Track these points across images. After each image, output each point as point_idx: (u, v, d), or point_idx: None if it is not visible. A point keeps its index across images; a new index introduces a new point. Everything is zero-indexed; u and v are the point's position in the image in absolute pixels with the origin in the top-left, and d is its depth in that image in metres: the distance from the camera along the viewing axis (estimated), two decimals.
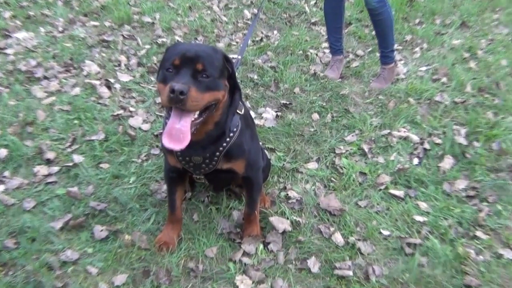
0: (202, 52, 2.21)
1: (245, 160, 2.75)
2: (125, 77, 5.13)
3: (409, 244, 3.31)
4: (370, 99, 5.17)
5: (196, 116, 2.26)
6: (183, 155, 2.63)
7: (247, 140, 2.73)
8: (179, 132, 2.18)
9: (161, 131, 4.29)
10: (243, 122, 2.69)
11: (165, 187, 3.64)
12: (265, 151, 3.79)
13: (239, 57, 3.31)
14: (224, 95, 2.36)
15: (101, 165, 3.91)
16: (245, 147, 2.70)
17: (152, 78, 5.29)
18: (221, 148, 2.57)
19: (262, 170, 3.14)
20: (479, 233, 3.43)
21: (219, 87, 2.29)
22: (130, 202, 3.53)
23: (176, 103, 2.10)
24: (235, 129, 2.59)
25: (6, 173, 3.73)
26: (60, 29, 6.00)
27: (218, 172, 2.74)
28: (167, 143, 2.19)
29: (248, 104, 4.89)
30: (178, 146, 2.18)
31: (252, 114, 4.59)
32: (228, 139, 2.57)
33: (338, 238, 3.32)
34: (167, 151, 2.79)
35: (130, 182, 3.75)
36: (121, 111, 4.56)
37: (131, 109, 4.61)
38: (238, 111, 2.62)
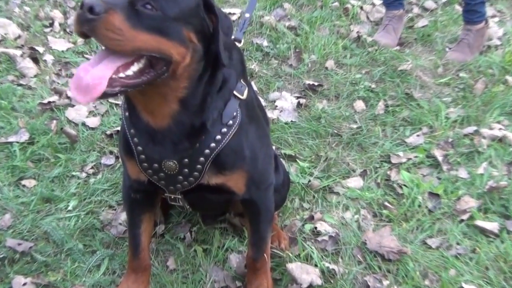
0: None
1: (246, 172, 2.78)
2: (60, 44, 5.13)
3: None
4: (445, 78, 5.17)
5: (132, 72, 2.24)
6: (147, 158, 2.63)
7: (250, 140, 2.75)
8: (91, 78, 2.13)
9: (117, 128, 4.38)
10: (245, 112, 2.70)
11: (123, 216, 3.65)
12: (281, 159, 3.78)
13: (247, 14, 3.30)
14: (185, 54, 2.31)
15: (23, 182, 3.94)
16: (246, 151, 2.72)
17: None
18: (207, 151, 2.59)
19: (275, 190, 3.15)
20: None
21: (172, 34, 2.25)
22: (69, 240, 3.54)
23: (82, 26, 2.06)
24: (230, 122, 2.60)
25: None
26: None
27: (205, 191, 2.78)
28: (73, 93, 2.16)
29: (254, 85, 4.86)
30: (83, 96, 2.12)
31: (261, 101, 4.53)
32: (218, 137, 2.59)
33: None
34: (126, 156, 2.81)
35: (69, 208, 3.78)
36: (54, 98, 4.54)
37: (70, 94, 4.61)
38: (237, 93, 2.64)
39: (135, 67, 2.22)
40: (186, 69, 2.34)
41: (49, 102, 4.51)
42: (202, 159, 2.59)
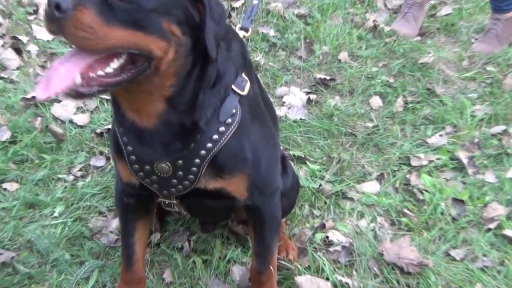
0: None
1: (247, 176, 2.78)
2: (45, 34, 5.08)
3: None
4: (471, 72, 5.18)
5: (111, 69, 2.25)
6: (138, 159, 2.65)
7: (253, 140, 2.76)
8: (56, 74, 2.15)
9: (108, 127, 4.38)
10: (247, 110, 2.70)
11: (115, 223, 3.68)
12: (289, 161, 3.75)
13: (255, 1, 3.33)
14: (167, 49, 2.31)
15: (4, 186, 3.96)
16: (247, 152, 2.73)
17: None
18: (203, 152, 2.60)
19: (283, 194, 3.15)
20: None
21: (150, 27, 2.24)
22: (55, 250, 3.55)
23: (50, 24, 2.07)
24: (228, 120, 2.61)
25: None
26: None
27: (202, 196, 2.79)
28: (36, 89, 2.18)
29: (261, 81, 4.88)
30: (41, 91, 2.15)
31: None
32: (215, 137, 2.59)
33: None
34: (117, 156, 2.83)
35: (55, 215, 3.79)
36: None
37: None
38: (236, 88, 2.64)
39: (115, 64, 2.23)
40: (171, 64, 2.35)
41: (33, 97, 4.51)
42: (197, 160, 2.59)
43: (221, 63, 2.54)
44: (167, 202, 2.90)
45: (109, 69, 2.21)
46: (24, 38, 5.13)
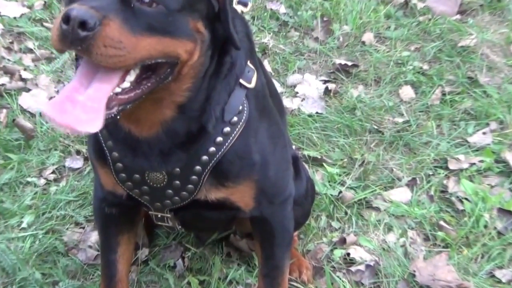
0: None
1: (255, 182, 2.80)
2: (12, 9, 5.18)
3: None
4: None
5: (128, 82, 2.26)
6: (126, 167, 2.65)
7: (261, 140, 2.78)
8: (83, 110, 2.13)
9: None
10: (254, 105, 2.71)
11: (95, 236, 3.68)
12: (303, 163, 3.74)
13: None
14: (193, 50, 2.36)
15: None
16: (255, 155, 2.75)
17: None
18: (204, 158, 2.60)
19: (295, 203, 3.16)
20: None
21: (178, 31, 2.29)
22: (23, 268, 3.55)
23: (72, 45, 2.07)
24: (234, 119, 2.62)
25: None
26: None
27: (201, 207, 2.81)
28: (57, 121, 2.09)
29: (267, 66, 4.88)
30: (76, 128, 2.11)
31: (277, 86, 4.45)
32: (219, 139, 2.60)
33: None
34: (98, 161, 2.81)
35: (24, 226, 3.80)
36: (4, 79, 4.59)
37: (25, 75, 4.66)
38: (244, 81, 2.64)
39: (131, 76, 2.24)
40: (194, 66, 2.39)
41: None
42: (198, 168, 2.61)
43: (231, 48, 2.55)
44: (159, 216, 2.91)
45: (126, 84, 2.23)
46: None
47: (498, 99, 4.82)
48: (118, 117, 2.23)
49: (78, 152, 4.22)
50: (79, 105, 2.11)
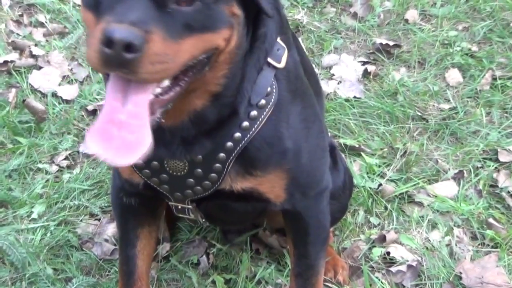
0: None
1: (286, 172, 2.70)
2: None
3: None
4: None
5: (167, 81, 2.18)
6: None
7: (293, 126, 2.67)
8: (128, 130, 2.07)
9: (103, 102, 4.23)
10: (285, 86, 2.61)
11: (112, 229, 3.54)
12: (339, 152, 3.63)
13: None
14: (231, 37, 2.27)
15: None
16: (287, 142, 2.64)
17: None
18: (229, 144, 2.52)
19: (331, 197, 3.02)
20: None
21: (217, 23, 2.20)
22: (34, 262, 3.40)
23: (118, 68, 1.97)
24: (262, 101, 2.53)
25: None
26: None
27: (226, 198, 2.73)
28: (104, 154, 2.05)
29: (301, 43, 4.64)
30: (127, 158, 2.06)
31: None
32: (245, 124, 2.52)
33: None
34: None
35: (34, 216, 3.64)
36: (13, 56, 4.50)
37: (36, 51, 4.56)
38: (272, 61, 2.52)
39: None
40: (229, 51, 2.32)
41: (6, 62, 4.45)
42: (222, 155, 2.52)
43: (264, 19, 2.48)
44: (180, 207, 2.85)
45: (166, 82, 2.16)
46: None
47: None
48: (163, 120, 2.21)
49: None
50: (123, 126, 2.07)
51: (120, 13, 1.95)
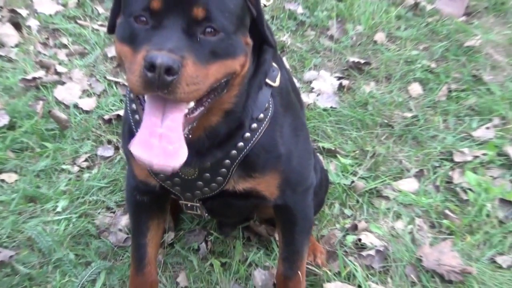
0: None
1: (280, 173, 2.80)
2: (47, 7, 5.21)
3: None
4: None
5: (191, 106, 2.30)
6: None
7: (286, 134, 2.78)
8: (168, 141, 2.21)
9: (118, 112, 4.46)
10: (279, 101, 2.73)
11: (124, 220, 3.71)
12: (318, 155, 3.78)
13: None
14: (245, 63, 2.40)
15: (2, 177, 3.99)
16: (281, 148, 2.75)
17: (100, 10, 5.37)
18: (233, 152, 2.63)
19: (314, 193, 3.17)
20: None
21: (237, 50, 2.33)
22: (58, 249, 3.58)
23: (159, 89, 2.10)
24: (261, 115, 2.64)
25: None
26: None
27: (229, 197, 2.82)
28: (148, 160, 2.20)
29: (286, 63, 4.88)
30: (169, 164, 2.20)
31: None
32: (247, 135, 2.63)
33: None
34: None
35: (58, 210, 3.82)
36: (40, 73, 4.60)
37: (60, 69, 4.67)
38: (269, 81, 2.66)
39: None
40: (243, 75, 2.43)
41: (34, 78, 4.55)
42: (227, 161, 2.63)
43: (266, 48, 2.60)
44: (189, 205, 2.93)
45: (191, 103, 2.27)
46: (23, 12, 5.16)
47: (500, 96, 4.84)
48: (190, 135, 2.31)
49: (109, 142, 4.26)
50: (163, 137, 2.19)
51: (158, 43, 2.09)
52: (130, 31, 2.23)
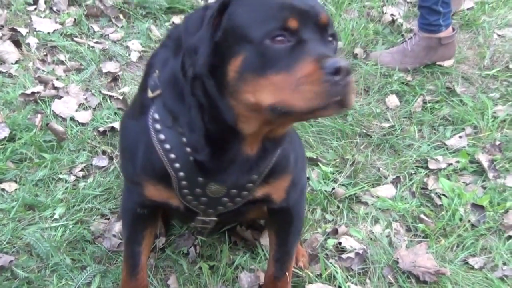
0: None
1: (289, 176, 2.82)
2: (46, 25, 5.21)
3: None
4: (493, 70, 5.19)
5: None
6: (190, 183, 2.60)
7: (293, 142, 2.84)
8: None
9: (112, 125, 4.44)
10: None
11: (118, 226, 3.72)
12: None
13: None
14: None
15: (2, 186, 3.98)
16: (291, 156, 2.78)
17: (95, 28, 5.38)
18: (263, 166, 2.61)
19: None
20: None
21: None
22: (55, 254, 3.58)
23: (336, 95, 2.04)
24: None
25: None
26: None
27: (243, 205, 2.79)
28: None
29: None
30: None
31: None
32: None
33: None
34: (149, 178, 2.74)
35: (56, 217, 3.82)
36: (38, 88, 4.61)
37: (58, 84, 4.69)
38: None
39: None
40: None
41: (33, 93, 4.56)
42: (255, 176, 2.60)
43: None
44: (206, 220, 2.90)
45: None
46: (23, 30, 5.17)
47: (472, 107, 4.86)
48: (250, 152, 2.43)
49: (104, 152, 4.26)
50: None
51: (319, 52, 2.09)
52: (272, 53, 2.13)
